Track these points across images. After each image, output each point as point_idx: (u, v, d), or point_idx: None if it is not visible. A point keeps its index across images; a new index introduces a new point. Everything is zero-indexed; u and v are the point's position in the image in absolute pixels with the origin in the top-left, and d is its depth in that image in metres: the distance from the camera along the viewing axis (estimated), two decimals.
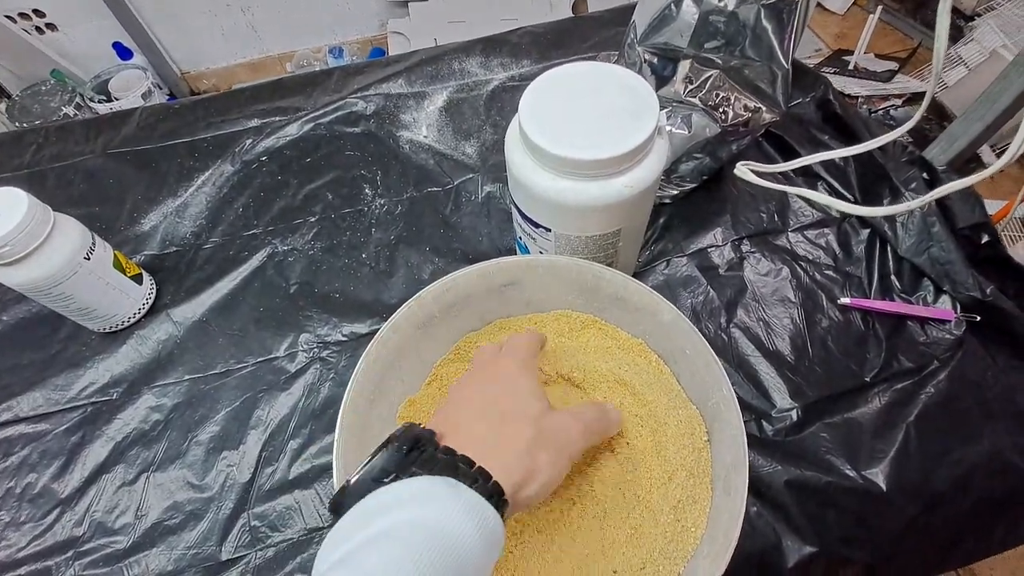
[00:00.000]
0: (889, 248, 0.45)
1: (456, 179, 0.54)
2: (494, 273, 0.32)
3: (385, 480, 0.20)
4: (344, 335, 0.45)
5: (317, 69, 1.47)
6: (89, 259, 0.40)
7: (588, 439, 0.26)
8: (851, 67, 1.36)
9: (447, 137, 0.57)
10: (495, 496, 0.21)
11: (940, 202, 0.44)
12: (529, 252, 0.40)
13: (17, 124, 1.21)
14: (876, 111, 1.26)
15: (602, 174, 0.30)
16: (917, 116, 0.32)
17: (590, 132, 0.30)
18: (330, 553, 0.19)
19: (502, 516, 0.21)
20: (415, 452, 0.21)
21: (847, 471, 0.37)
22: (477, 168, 0.55)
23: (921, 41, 1.43)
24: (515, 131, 0.33)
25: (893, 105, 1.26)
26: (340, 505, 0.20)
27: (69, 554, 0.37)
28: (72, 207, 0.53)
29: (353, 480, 0.21)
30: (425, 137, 0.57)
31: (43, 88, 1.24)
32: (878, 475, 0.37)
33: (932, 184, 0.45)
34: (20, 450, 0.41)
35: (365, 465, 0.21)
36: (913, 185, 0.45)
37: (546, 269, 0.33)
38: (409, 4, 1.38)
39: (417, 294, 0.31)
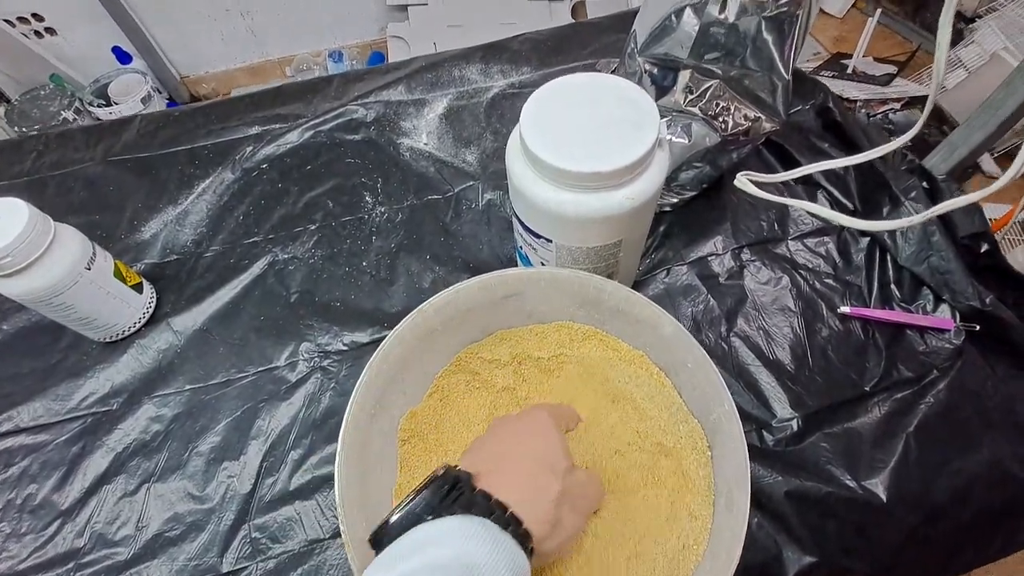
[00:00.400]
0: (889, 257, 0.46)
1: (456, 187, 0.54)
2: (496, 285, 0.33)
3: (427, 517, 0.21)
4: (345, 344, 0.45)
5: (316, 73, 1.47)
6: (90, 269, 0.40)
7: (600, 502, 0.28)
8: (850, 71, 1.36)
9: (447, 144, 0.57)
10: (524, 542, 0.22)
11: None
12: (530, 261, 0.40)
13: (16, 129, 1.20)
14: (875, 115, 1.26)
15: (603, 186, 0.31)
16: (917, 127, 0.32)
17: (591, 144, 0.30)
18: None
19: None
20: (454, 492, 0.22)
21: (847, 481, 0.37)
22: (477, 176, 0.55)
23: (920, 44, 1.43)
24: (516, 142, 0.33)
25: (892, 109, 1.26)
26: (380, 541, 0.22)
27: (70, 566, 0.37)
28: (72, 215, 0.53)
29: (395, 519, 0.22)
30: (425, 144, 0.58)
31: (42, 92, 1.24)
32: (878, 486, 0.37)
33: (932, 193, 0.45)
34: (21, 461, 0.41)
35: (407, 504, 0.22)
36: (913, 194, 0.45)
37: (548, 281, 0.33)
38: (408, 8, 1.39)
39: (419, 307, 0.31)
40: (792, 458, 0.38)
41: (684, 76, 0.38)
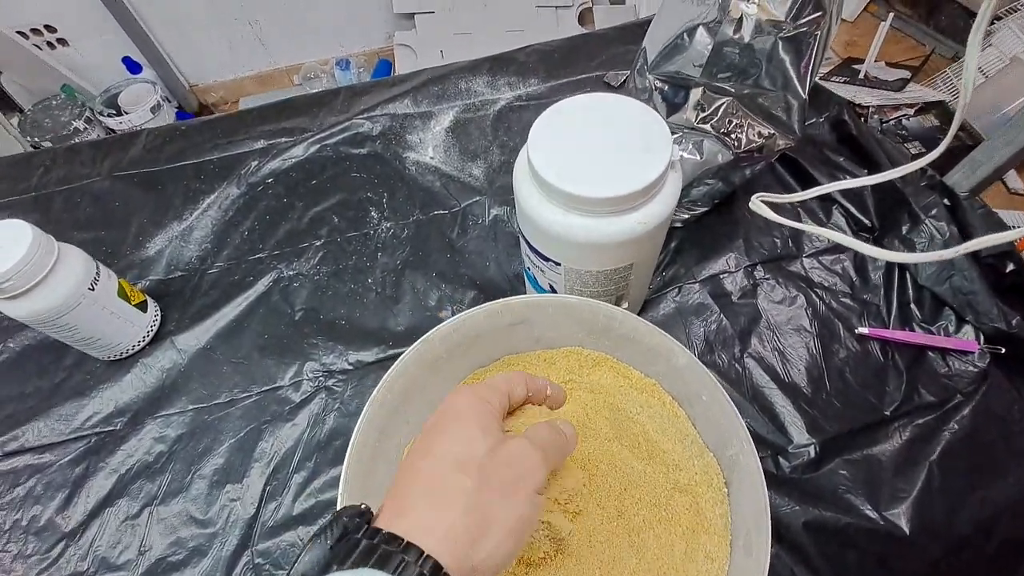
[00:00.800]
0: (908, 276, 0.44)
1: (463, 202, 0.53)
2: (502, 313, 0.32)
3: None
4: (350, 363, 0.45)
5: (324, 81, 1.48)
6: (93, 289, 0.40)
7: (548, 464, 0.22)
8: (861, 76, 1.34)
9: (453, 158, 0.57)
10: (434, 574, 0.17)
11: (962, 229, 0.43)
12: (538, 283, 0.39)
13: (29, 138, 1.22)
14: (888, 121, 1.24)
15: (614, 211, 0.30)
16: (942, 147, 0.31)
17: (601, 167, 0.29)
18: None
19: None
20: (340, 543, 0.18)
21: (867, 511, 0.36)
22: (484, 190, 0.54)
23: (934, 48, 1.41)
24: (523, 163, 0.33)
25: (905, 115, 1.24)
26: None
27: None
28: (78, 231, 0.53)
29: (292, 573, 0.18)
30: (431, 158, 0.57)
31: (54, 103, 1.25)
32: (900, 516, 0.36)
33: (954, 211, 0.44)
34: (26, 481, 0.41)
35: (291, 569, 0.18)
36: (934, 212, 0.44)
37: (556, 309, 0.32)
38: (415, 16, 1.39)
39: (424, 336, 0.30)
40: (809, 486, 0.37)
41: (696, 94, 0.37)
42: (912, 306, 0.43)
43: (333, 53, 1.48)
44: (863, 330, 0.42)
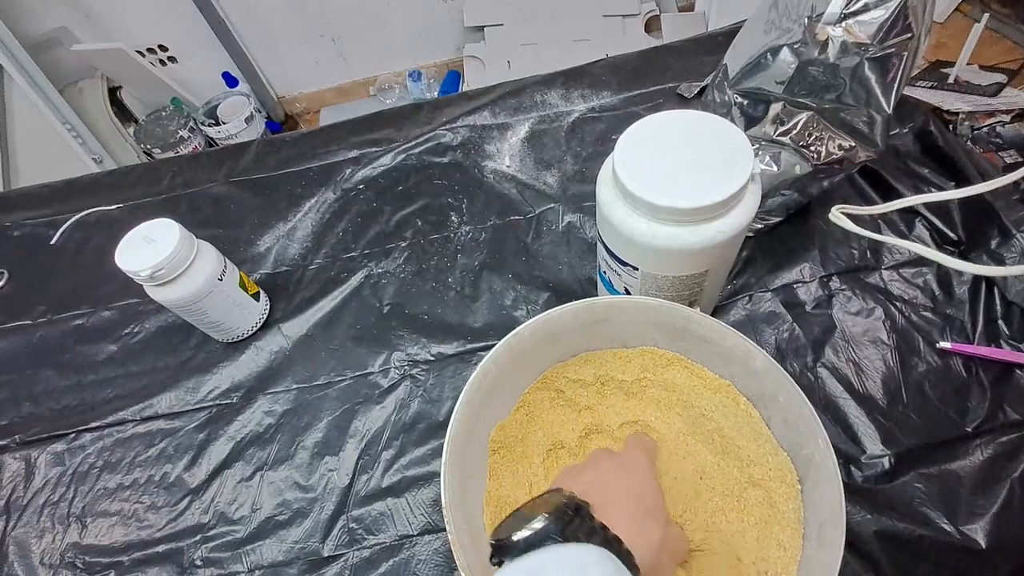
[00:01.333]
0: (997, 291, 0.43)
1: (537, 208, 0.57)
2: (585, 312, 0.34)
3: (553, 538, 0.22)
4: (432, 355, 0.49)
5: (397, 92, 1.56)
6: (222, 280, 0.46)
7: (685, 557, 0.28)
8: (951, 80, 1.27)
9: (529, 167, 0.60)
10: None
11: None
12: (612, 285, 0.41)
13: (142, 145, 1.37)
14: (980, 128, 1.16)
15: (695, 220, 0.32)
16: None
17: (685, 179, 0.32)
18: None
19: None
20: (577, 519, 0.23)
21: (943, 525, 0.36)
22: (558, 198, 0.57)
23: None
24: (608, 173, 0.35)
25: (1000, 122, 1.16)
26: (505, 552, 0.23)
27: (197, 538, 0.42)
28: (202, 228, 0.60)
29: (519, 536, 0.22)
30: (508, 167, 0.61)
31: (163, 114, 1.41)
32: (978, 531, 0.35)
33: None
34: (159, 443, 0.47)
35: (532, 521, 0.23)
36: None
37: (636, 309, 0.34)
38: (485, 29, 1.44)
39: (515, 330, 0.33)
40: (882, 497, 0.37)
41: (775, 108, 0.38)
42: (1000, 322, 0.42)
43: (406, 65, 1.57)
44: (945, 344, 0.41)
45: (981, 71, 1.30)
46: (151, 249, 0.42)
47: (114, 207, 0.65)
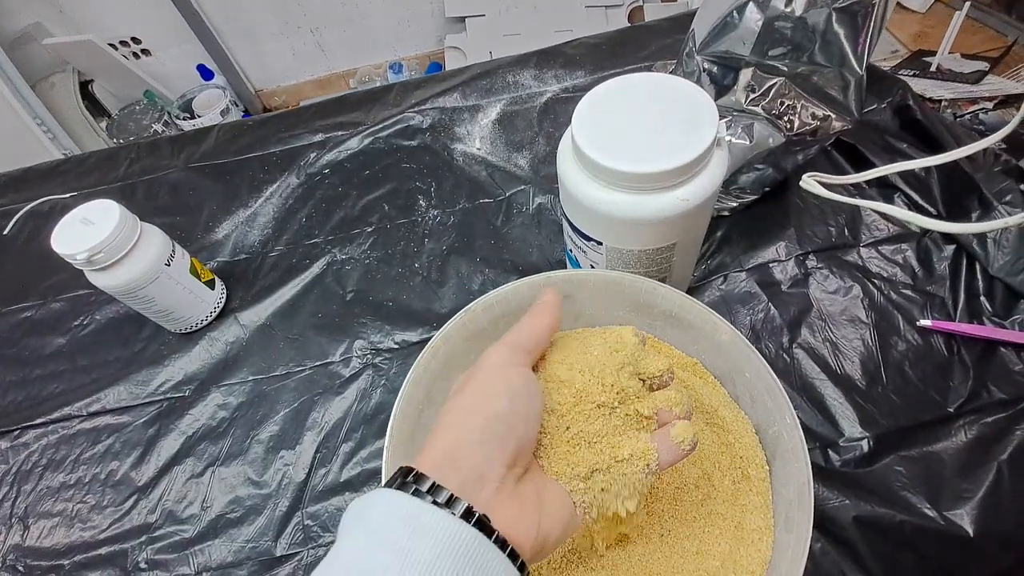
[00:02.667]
0: (978, 266, 0.41)
1: (508, 191, 0.55)
2: (544, 286, 0.32)
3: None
4: (396, 343, 0.46)
5: (378, 84, 1.54)
6: (169, 265, 0.44)
7: (520, 346, 0.23)
8: (933, 69, 1.26)
9: (499, 149, 0.58)
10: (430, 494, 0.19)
11: None
12: (579, 265, 0.39)
13: (115, 140, 1.34)
14: (962, 115, 1.15)
15: (657, 187, 0.30)
16: (1015, 121, 0.29)
17: (645, 144, 0.30)
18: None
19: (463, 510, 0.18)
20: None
21: (926, 510, 0.34)
22: (529, 180, 0.55)
23: (1016, 38, 1.30)
24: (567, 142, 0.33)
25: (983, 109, 1.15)
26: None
27: (143, 539, 0.40)
28: (157, 216, 0.58)
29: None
30: (478, 149, 0.58)
31: (137, 107, 1.37)
32: (963, 517, 0.33)
33: None
34: (106, 439, 0.45)
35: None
36: (1008, 197, 0.41)
37: (597, 284, 0.32)
38: (466, 20, 1.42)
39: (467, 306, 0.31)
40: (861, 481, 0.35)
41: (746, 74, 0.37)
42: (982, 298, 0.41)
43: (387, 57, 1.55)
44: (926, 322, 0.40)
45: (963, 59, 1.29)
46: (89, 231, 0.40)
47: (68, 195, 0.62)
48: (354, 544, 0.18)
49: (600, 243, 0.34)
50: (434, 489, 0.19)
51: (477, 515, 0.18)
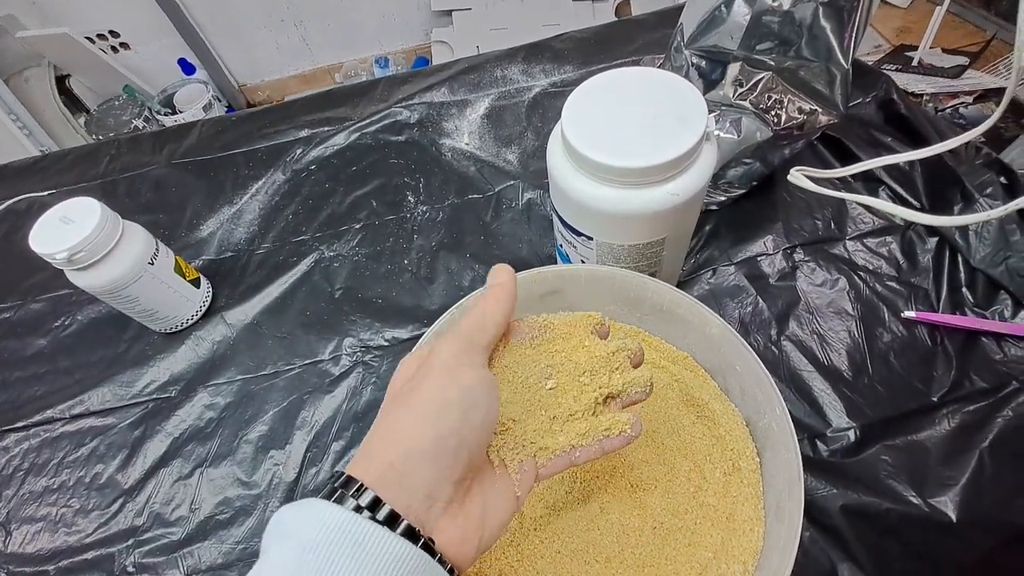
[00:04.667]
0: (960, 258, 0.42)
1: (497, 186, 0.54)
2: (535, 282, 0.32)
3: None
4: (386, 340, 0.46)
5: (363, 79, 1.52)
6: (153, 264, 0.43)
7: (470, 337, 0.21)
8: (915, 63, 1.28)
9: (488, 144, 0.58)
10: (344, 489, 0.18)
11: (1021, 209, 0.41)
12: (569, 260, 0.39)
13: (94, 136, 1.31)
14: (943, 109, 1.17)
15: (647, 182, 0.30)
16: (996, 115, 0.30)
17: (635, 138, 0.30)
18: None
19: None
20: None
21: (911, 498, 0.35)
22: (518, 175, 0.55)
23: (995, 33, 1.33)
24: (557, 137, 0.33)
25: (963, 103, 1.18)
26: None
27: (130, 542, 0.39)
28: (140, 214, 0.56)
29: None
30: (467, 144, 0.58)
31: (116, 103, 1.34)
32: (947, 504, 0.34)
33: (1012, 189, 0.42)
34: (90, 441, 0.44)
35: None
36: (989, 190, 0.42)
37: (587, 279, 0.32)
38: (453, 13, 1.41)
39: (458, 302, 0.31)
40: (849, 470, 0.36)
41: (734, 68, 0.37)
42: (964, 290, 0.41)
43: (373, 51, 1.53)
44: (910, 314, 0.41)
45: (944, 54, 1.32)
46: (69, 230, 0.39)
47: (46, 193, 0.60)
48: (285, 557, 0.17)
49: (590, 238, 0.34)
50: (375, 505, 0.17)
51: (423, 540, 0.18)
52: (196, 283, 0.48)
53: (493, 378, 0.21)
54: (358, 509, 0.17)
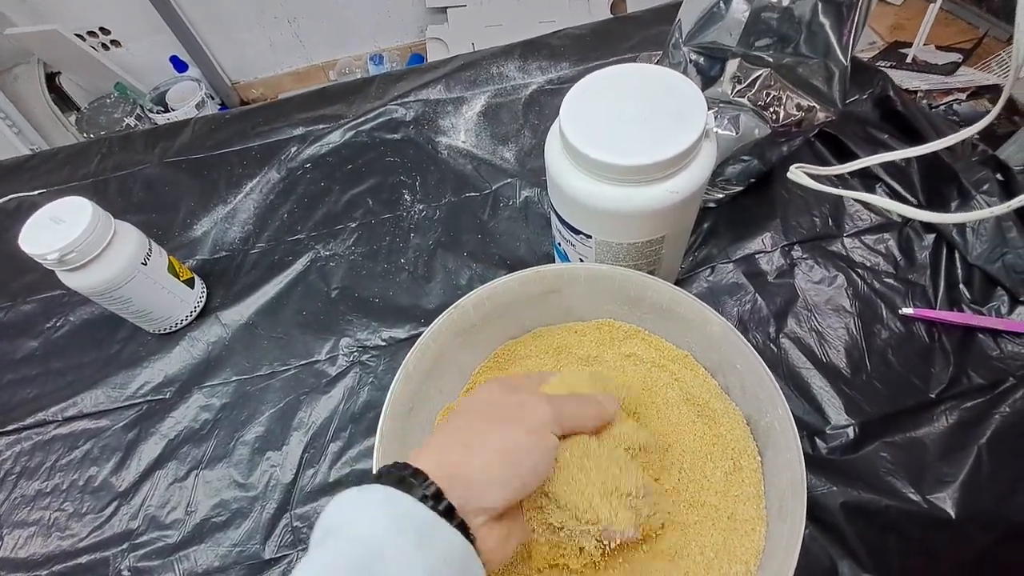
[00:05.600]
0: (957, 255, 0.42)
1: (494, 184, 0.54)
2: (534, 281, 0.32)
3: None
4: (383, 340, 0.46)
5: (358, 76, 1.51)
6: (146, 264, 0.42)
7: (560, 419, 0.24)
8: (909, 60, 1.28)
9: (485, 142, 0.57)
10: (408, 480, 0.20)
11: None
12: (568, 258, 0.39)
13: (85, 135, 1.29)
14: (937, 106, 1.18)
15: (646, 179, 0.29)
16: (993, 113, 0.29)
17: (633, 136, 0.29)
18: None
19: (439, 505, 0.19)
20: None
21: (910, 495, 0.35)
22: (515, 173, 0.54)
23: (988, 30, 1.33)
24: (555, 134, 0.33)
25: (956, 100, 1.18)
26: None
27: (125, 546, 0.39)
28: (132, 214, 0.56)
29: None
30: (463, 142, 0.58)
31: (107, 101, 1.33)
32: (946, 500, 0.34)
33: (1008, 186, 0.42)
34: (83, 444, 0.43)
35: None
36: (985, 187, 0.42)
37: (588, 278, 0.32)
38: (448, 10, 1.40)
39: (456, 302, 0.31)
40: (848, 468, 0.36)
41: (732, 65, 0.36)
42: (961, 286, 0.42)
43: (367, 49, 1.52)
44: (907, 311, 0.41)
45: (938, 51, 1.32)
46: (59, 230, 0.38)
47: (36, 192, 0.60)
48: (366, 527, 0.18)
49: (589, 236, 0.34)
50: (438, 496, 0.19)
51: (472, 536, 0.20)
52: (190, 283, 0.47)
53: (558, 446, 0.24)
54: (423, 499, 0.19)
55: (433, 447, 0.22)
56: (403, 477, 0.20)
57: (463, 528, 0.20)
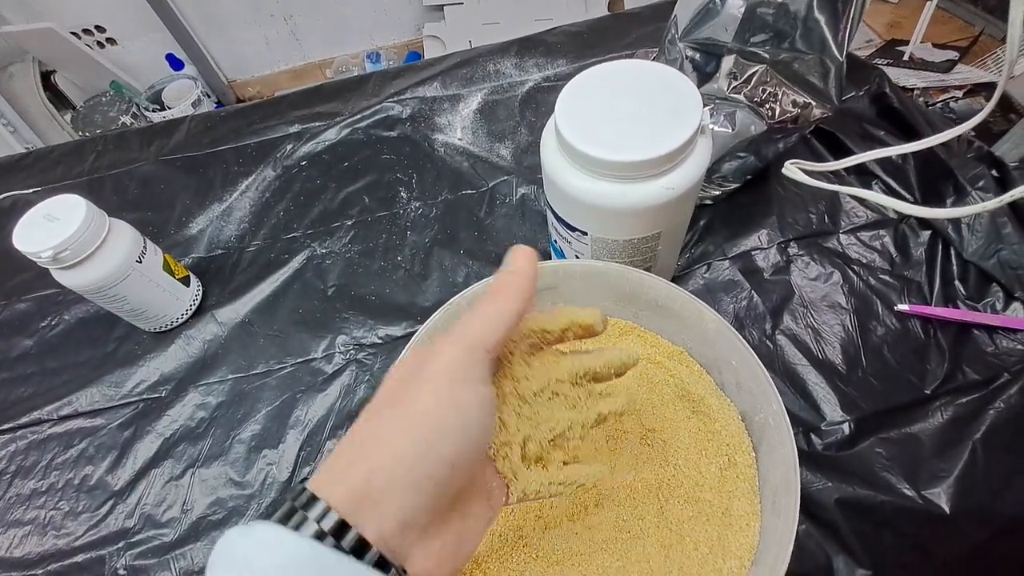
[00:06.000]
0: (953, 251, 0.42)
1: (490, 181, 0.54)
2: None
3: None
4: (379, 337, 0.46)
5: (355, 74, 1.51)
6: (141, 262, 0.42)
7: (472, 345, 0.18)
8: (906, 58, 1.29)
9: (481, 139, 0.57)
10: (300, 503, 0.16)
11: (1012, 202, 0.41)
12: (564, 255, 0.39)
13: (81, 133, 1.28)
14: (934, 104, 1.18)
15: (641, 176, 0.29)
16: (987, 109, 0.30)
17: (629, 132, 0.29)
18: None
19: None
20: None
21: (905, 490, 0.35)
22: (512, 170, 0.54)
23: (984, 28, 1.33)
24: (551, 131, 0.33)
25: (953, 97, 1.18)
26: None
27: (121, 545, 0.39)
28: (127, 212, 0.56)
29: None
30: (460, 140, 0.58)
31: (103, 99, 1.32)
32: (940, 496, 0.34)
33: (1003, 182, 0.42)
34: (79, 443, 0.43)
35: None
36: (981, 183, 0.42)
37: (583, 274, 0.32)
38: (444, 8, 1.40)
39: (450, 300, 0.31)
40: (843, 464, 0.36)
41: (728, 61, 0.36)
42: (956, 283, 0.42)
43: (364, 47, 1.51)
44: (903, 307, 0.41)
45: (934, 49, 1.33)
46: (54, 228, 0.38)
47: (31, 191, 0.59)
48: None
49: (585, 233, 0.34)
50: (341, 530, 0.15)
51: (394, 569, 0.16)
52: (186, 281, 0.47)
53: (494, 398, 0.19)
54: (320, 535, 0.15)
55: (335, 457, 0.17)
56: (293, 509, 0.16)
57: (382, 563, 0.15)
